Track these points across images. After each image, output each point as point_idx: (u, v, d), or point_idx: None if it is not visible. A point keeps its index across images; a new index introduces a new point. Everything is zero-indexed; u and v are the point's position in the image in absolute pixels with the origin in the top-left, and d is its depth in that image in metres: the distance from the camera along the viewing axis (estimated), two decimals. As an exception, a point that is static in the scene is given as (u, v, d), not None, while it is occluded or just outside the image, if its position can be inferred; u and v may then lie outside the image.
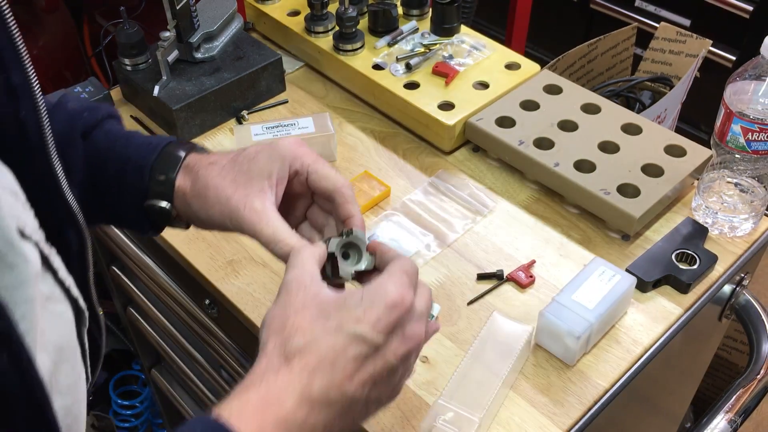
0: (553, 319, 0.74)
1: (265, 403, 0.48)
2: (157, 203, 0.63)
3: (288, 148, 0.62)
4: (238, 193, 0.60)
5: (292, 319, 0.51)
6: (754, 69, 0.80)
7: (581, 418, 0.72)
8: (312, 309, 0.51)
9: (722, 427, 0.83)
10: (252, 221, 0.59)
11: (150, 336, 1.24)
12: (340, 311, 0.51)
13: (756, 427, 1.67)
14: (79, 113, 0.66)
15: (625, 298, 0.78)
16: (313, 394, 0.49)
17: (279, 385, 0.49)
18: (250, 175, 0.60)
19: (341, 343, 0.50)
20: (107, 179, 0.65)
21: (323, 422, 0.49)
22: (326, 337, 0.50)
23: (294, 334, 0.50)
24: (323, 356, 0.49)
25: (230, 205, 0.60)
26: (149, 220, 0.65)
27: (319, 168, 0.61)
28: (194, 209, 0.62)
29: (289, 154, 0.61)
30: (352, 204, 0.61)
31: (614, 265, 0.80)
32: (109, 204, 0.66)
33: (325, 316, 0.51)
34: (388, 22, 1.11)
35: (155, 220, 0.65)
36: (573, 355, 0.75)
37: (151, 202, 0.63)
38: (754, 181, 0.87)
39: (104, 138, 0.66)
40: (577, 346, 0.74)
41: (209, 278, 0.86)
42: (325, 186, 0.61)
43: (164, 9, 0.99)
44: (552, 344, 0.77)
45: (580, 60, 1.33)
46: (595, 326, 0.74)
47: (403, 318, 0.52)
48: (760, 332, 0.88)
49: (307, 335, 0.50)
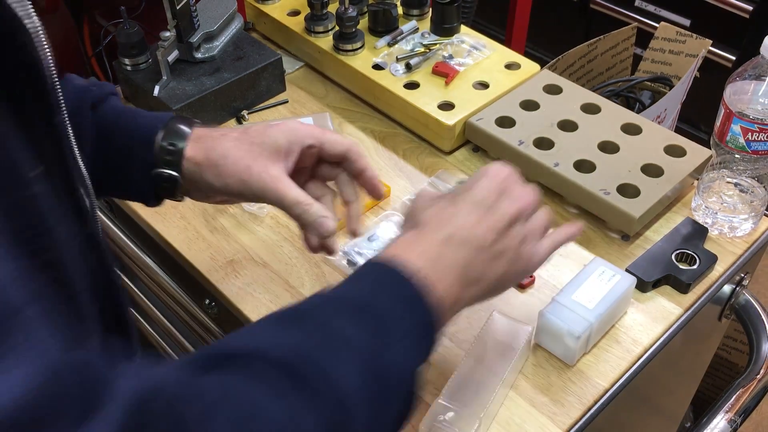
0: (553, 319, 0.74)
1: (412, 244, 0.57)
2: (165, 171, 0.67)
3: (297, 126, 0.68)
4: (258, 162, 0.65)
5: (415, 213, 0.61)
6: (754, 69, 0.80)
7: (581, 417, 0.72)
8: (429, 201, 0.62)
9: (722, 427, 0.83)
10: (276, 187, 0.64)
11: (150, 336, 1.24)
12: (453, 195, 0.61)
13: (756, 427, 1.68)
14: (87, 87, 0.70)
15: (625, 298, 0.78)
16: (446, 236, 0.57)
17: (417, 237, 0.58)
18: (264, 147, 0.66)
19: (459, 207, 0.59)
20: (115, 150, 0.68)
21: (463, 258, 0.57)
22: (446, 208, 0.60)
23: (418, 214, 0.60)
24: (447, 216, 0.59)
25: (252, 173, 0.64)
26: (153, 191, 0.68)
27: (329, 137, 0.68)
28: (208, 178, 0.66)
29: (300, 131, 0.67)
30: (365, 158, 0.69)
31: (614, 265, 0.80)
32: (116, 174, 0.69)
33: (447, 199, 0.61)
34: (388, 22, 1.11)
35: (161, 190, 0.68)
36: (573, 355, 0.75)
37: (159, 170, 0.67)
38: (754, 181, 0.87)
39: (112, 111, 0.70)
40: (577, 346, 0.74)
41: (209, 278, 0.86)
42: (338, 150, 0.68)
43: (164, 9, 0.99)
44: (552, 344, 0.77)
45: (580, 60, 1.33)
46: (595, 326, 0.74)
47: (507, 183, 0.61)
48: (760, 332, 0.88)
49: (429, 211, 0.60)
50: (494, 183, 0.61)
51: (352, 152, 0.68)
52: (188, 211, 0.93)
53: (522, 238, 0.61)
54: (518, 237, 0.60)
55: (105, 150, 0.68)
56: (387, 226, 0.91)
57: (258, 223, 0.92)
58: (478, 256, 0.58)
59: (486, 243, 0.58)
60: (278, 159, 0.66)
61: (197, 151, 0.66)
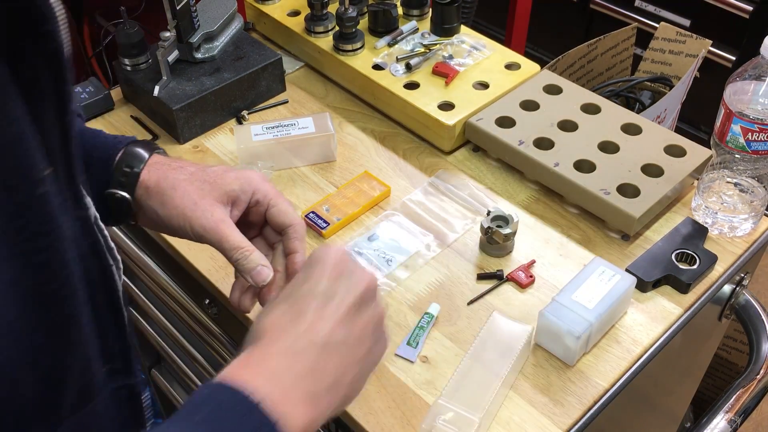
0: (553, 318, 0.74)
1: (252, 362, 0.50)
2: (118, 192, 0.66)
3: (255, 178, 0.66)
4: (205, 200, 0.64)
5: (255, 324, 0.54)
6: (754, 69, 0.80)
7: (581, 418, 0.72)
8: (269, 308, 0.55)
9: (722, 427, 0.83)
10: (218, 228, 0.63)
11: (150, 336, 1.24)
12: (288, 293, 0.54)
13: (756, 427, 1.67)
14: None
15: (625, 298, 0.78)
16: (291, 343, 0.50)
17: (261, 350, 0.51)
18: (215, 188, 0.65)
19: (299, 305, 0.53)
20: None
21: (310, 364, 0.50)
22: (285, 312, 0.53)
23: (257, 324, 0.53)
24: (287, 320, 0.52)
25: (195, 209, 0.63)
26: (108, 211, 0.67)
27: (280, 203, 0.66)
28: (153, 205, 0.65)
29: (255, 183, 0.66)
30: (302, 242, 0.66)
31: (614, 265, 0.80)
32: None
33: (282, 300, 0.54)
34: (388, 22, 1.11)
35: (113, 211, 0.67)
36: (573, 355, 0.75)
37: (112, 191, 0.66)
38: (754, 181, 0.87)
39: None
40: (577, 346, 0.74)
41: (209, 278, 0.86)
42: (283, 220, 0.66)
43: (164, 9, 0.99)
44: (552, 344, 0.77)
45: (580, 60, 1.33)
46: (594, 326, 0.74)
47: (342, 267, 0.54)
48: (760, 332, 0.88)
49: (268, 319, 0.53)
50: (328, 269, 0.54)
51: (293, 230, 0.65)
52: (188, 211, 0.93)
53: (376, 321, 0.55)
54: (371, 322, 0.54)
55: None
56: (387, 226, 0.91)
57: (258, 223, 0.92)
58: (329, 357, 0.51)
59: (334, 338, 0.51)
60: (226, 203, 0.64)
61: (150, 176, 0.66)
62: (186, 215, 0.63)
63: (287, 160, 0.99)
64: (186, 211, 0.63)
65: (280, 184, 0.97)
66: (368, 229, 0.90)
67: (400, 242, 0.89)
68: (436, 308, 0.81)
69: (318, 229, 0.89)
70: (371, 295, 0.55)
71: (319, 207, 0.92)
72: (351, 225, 0.91)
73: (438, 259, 0.87)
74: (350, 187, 0.95)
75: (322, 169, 1.00)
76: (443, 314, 0.81)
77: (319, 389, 0.50)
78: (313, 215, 0.90)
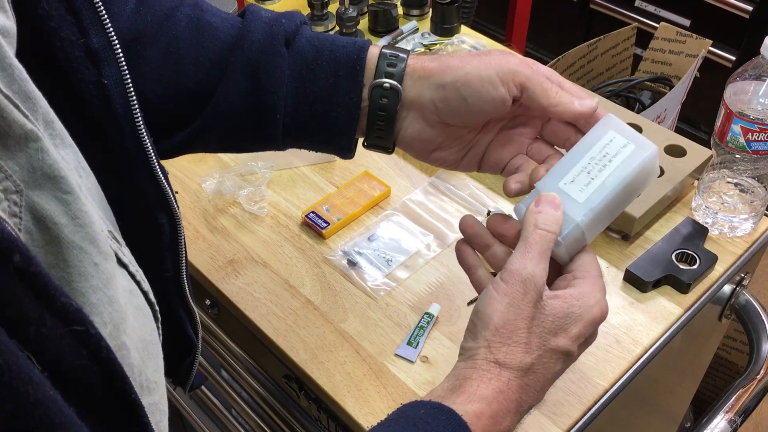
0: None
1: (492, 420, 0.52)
2: (387, 82, 0.59)
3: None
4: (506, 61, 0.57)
5: (521, 330, 0.53)
6: (754, 69, 0.80)
7: (581, 418, 0.72)
8: (540, 325, 0.54)
9: (722, 427, 0.83)
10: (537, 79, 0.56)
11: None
12: (562, 329, 0.54)
13: (756, 427, 1.67)
14: (276, 20, 0.60)
15: (639, 176, 0.57)
16: (522, 408, 0.55)
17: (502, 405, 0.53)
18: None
19: (554, 362, 0.54)
20: (317, 90, 0.60)
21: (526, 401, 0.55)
22: (547, 360, 0.54)
23: (518, 347, 0.53)
24: (538, 379, 0.54)
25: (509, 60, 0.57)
26: (354, 138, 0.63)
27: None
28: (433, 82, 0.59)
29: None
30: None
31: (614, 265, 0.80)
32: (317, 119, 0.61)
33: (552, 333, 0.54)
34: (388, 22, 1.11)
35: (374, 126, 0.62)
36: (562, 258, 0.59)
37: (380, 80, 0.59)
38: (754, 181, 0.87)
39: (308, 46, 0.61)
40: (561, 252, 0.57)
41: (209, 278, 0.86)
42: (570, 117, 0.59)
43: (164, 9, 0.99)
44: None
45: (580, 60, 1.33)
46: (586, 223, 0.56)
47: (596, 327, 0.56)
48: (760, 332, 0.88)
49: (533, 354, 0.53)
50: (590, 330, 0.55)
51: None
52: (188, 211, 0.93)
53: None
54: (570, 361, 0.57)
55: (305, 93, 0.60)
56: (387, 226, 0.91)
57: (258, 223, 0.92)
58: (539, 394, 0.56)
59: (549, 382, 0.56)
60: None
61: (425, 62, 0.59)
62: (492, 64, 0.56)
63: (287, 159, 0.99)
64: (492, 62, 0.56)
65: (280, 184, 0.97)
66: (368, 229, 0.90)
67: (401, 242, 0.89)
68: (436, 308, 0.81)
69: (318, 229, 0.89)
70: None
71: (319, 207, 0.92)
72: (351, 225, 0.91)
73: (438, 259, 0.87)
74: (350, 187, 0.95)
75: (322, 169, 1.00)
76: (443, 314, 0.81)
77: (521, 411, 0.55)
78: (313, 215, 0.91)
